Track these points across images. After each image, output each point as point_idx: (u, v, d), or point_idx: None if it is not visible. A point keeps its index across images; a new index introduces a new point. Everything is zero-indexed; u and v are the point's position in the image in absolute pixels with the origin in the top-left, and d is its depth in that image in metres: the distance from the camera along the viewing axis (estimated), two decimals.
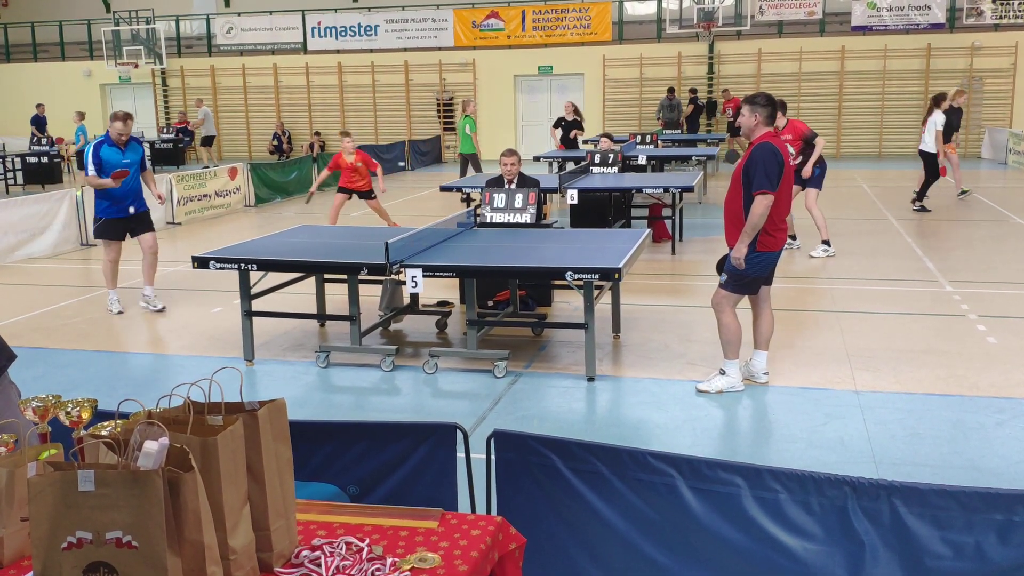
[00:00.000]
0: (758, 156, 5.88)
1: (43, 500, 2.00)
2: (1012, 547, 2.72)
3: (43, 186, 19.96)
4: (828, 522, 2.88)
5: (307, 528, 2.43)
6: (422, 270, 6.46)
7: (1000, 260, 10.47)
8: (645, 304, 8.71)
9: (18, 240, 12.10)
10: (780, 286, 6.82)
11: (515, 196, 8.39)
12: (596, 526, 3.12)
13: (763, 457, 5.09)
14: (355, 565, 2.21)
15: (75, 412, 2.44)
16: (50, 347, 7.73)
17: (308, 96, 28.20)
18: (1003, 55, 23.84)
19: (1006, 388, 6.19)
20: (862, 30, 24.39)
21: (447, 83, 27.22)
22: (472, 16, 26.61)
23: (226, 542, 2.10)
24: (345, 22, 27.54)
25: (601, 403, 6.24)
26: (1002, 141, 21.87)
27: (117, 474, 1.97)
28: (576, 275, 6.24)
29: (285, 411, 2.37)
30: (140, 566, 1.96)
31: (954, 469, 4.91)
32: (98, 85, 29.81)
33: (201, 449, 2.09)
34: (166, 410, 2.31)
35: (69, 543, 1.98)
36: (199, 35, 29.54)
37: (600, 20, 25.86)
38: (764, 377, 6.38)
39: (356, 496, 3.28)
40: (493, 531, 2.42)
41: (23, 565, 2.24)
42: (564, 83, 26.31)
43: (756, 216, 5.84)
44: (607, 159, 13.31)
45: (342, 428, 3.35)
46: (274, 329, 8.20)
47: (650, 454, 3.06)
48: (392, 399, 6.47)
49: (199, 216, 15.67)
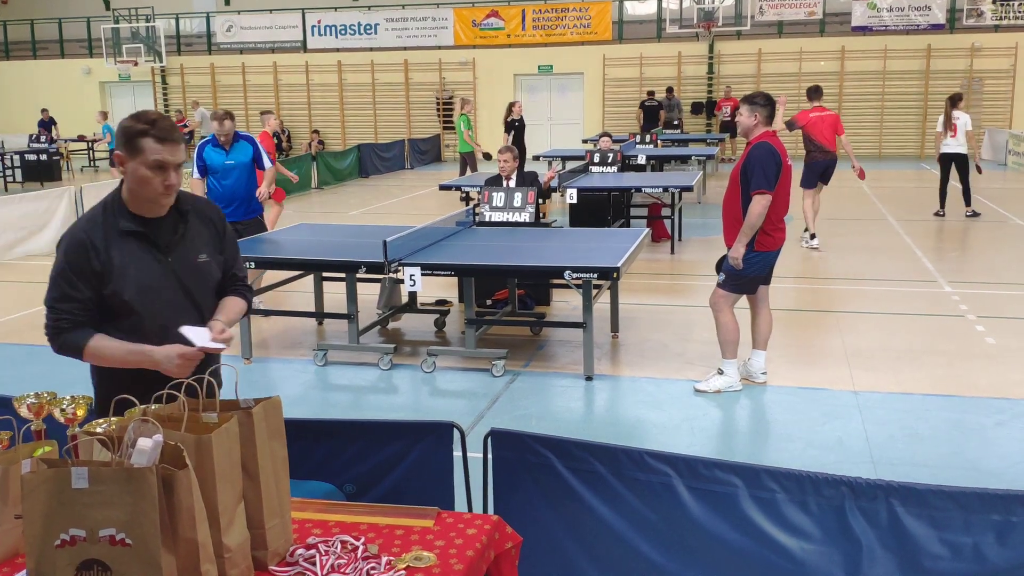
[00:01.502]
0: (756, 156, 5.87)
1: (37, 497, 1.99)
2: (1010, 548, 2.71)
3: (42, 183, 19.95)
4: (826, 522, 2.87)
5: (302, 526, 2.43)
6: (420, 268, 6.45)
7: (999, 261, 10.47)
8: (643, 303, 8.71)
9: (17, 237, 12.09)
10: (779, 286, 6.82)
11: (514, 195, 8.39)
12: (593, 525, 3.11)
13: (761, 457, 5.08)
14: (350, 564, 2.20)
15: (70, 409, 2.44)
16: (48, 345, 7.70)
17: (308, 95, 28.18)
18: (1003, 56, 23.83)
19: (1005, 388, 6.18)
20: (862, 30, 24.39)
21: (447, 82, 27.21)
22: (472, 15, 26.60)
23: (220, 540, 2.10)
24: (345, 21, 27.52)
25: (599, 402, 6.23)
26: (1002, 142, 21.86)
27: (111, 471, 1.96)
28: (575, 274, 6.24)
29: (280, 409, 2.36)
30: (134, 564, 1.96)
31: (952, 469, 4.90)
32: (97, 83, 29.78)
33: (196, 447, 2.08)
34: (161, 408, 2.31)
35: (63, 540, 1.98)
36: (199, 33, 29.52)
37: (600, 19, 25.85)
38: (762, 377, 6.38)
39: (352, 495, 3.27)
40: (489, 530, 2.41)
41: (16, 563, 2.24)
42: (564, 82, 26.30)
43: (754, 216, 5.83)
44: (607, 158, 13.31)
45: (339, 426, 3.34)
46: (272, 327, 8.19)
47: (648, 453, 3.06)
48: (390, 398, 6.47)
49: None
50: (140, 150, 2.77)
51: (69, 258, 2.83)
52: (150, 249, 2.90)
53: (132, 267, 2.86)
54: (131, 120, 2.83)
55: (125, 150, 2.78)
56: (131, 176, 2.83)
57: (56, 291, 2.86)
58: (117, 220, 2.88)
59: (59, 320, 2.87)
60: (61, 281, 2.85)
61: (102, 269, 2.82)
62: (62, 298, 2.85)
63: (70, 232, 2.89)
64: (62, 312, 2.86)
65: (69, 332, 2.86)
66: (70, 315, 2.85)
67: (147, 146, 2.77)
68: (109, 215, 2.89)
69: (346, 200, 17.88)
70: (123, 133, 2.80)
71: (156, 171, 2.80)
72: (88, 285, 2.83)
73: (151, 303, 2.89)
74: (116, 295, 2.84)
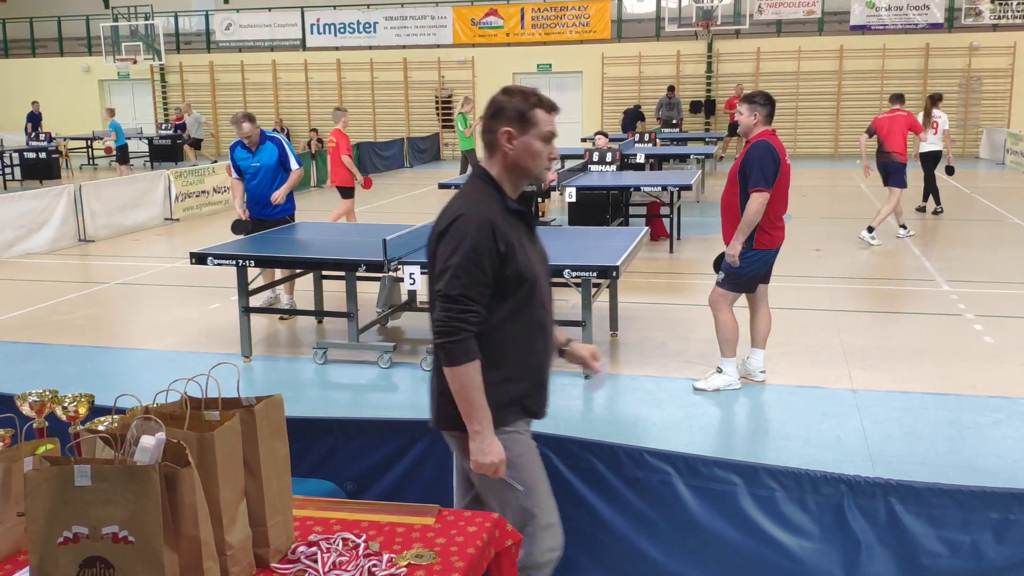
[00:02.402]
0: (755, 154, 5.88)
1: (39, 495, 2.00)
2: (1008, 545, 2.72)
3: (41, 181, 19.93)
4: (824, 520, 2.88)
5: (304, 524, 2.43)
6: (420, 267, 6.45)
7: (997, 260, 10.48)
8: (642, 302, 8.72)
9: (16, 236, 12.09)
10: (777, 284, 6.83)
11: None
12: (593, 523, 3.12)
13: (759, 455, 5.10)
14: (352, 561, 2.21)
15: (72, 407, 2.45)
16: (47, 342, 7.72)
17: (307, 93, 28.17)
18: (1001, 55, 23.84)
19: (1002, 387, 6.20)
20: (861, 29, 24.39)
21: (446, 81, 27.20)
22: (471, 13, 26.59)
23: (223, 538, 2.10)
24: (344, 19, 27.51)
25: (598, 401, 6.24)
26: (1000, 141, 21.88)
27: (114, 469, 1.97)
28: (574, 273, 6.25)
29: (282, 407, 2.37)
30: (136, 561, 1.96)
31: (950, 468, 4.91)
32: (96, 81, 29.76)
33: (198, 445, 2.09)
34: (163, 405, 2.32)
35: (65, 538, 1.98)
36: (198, 31, 29.50)
37: (599, 18, 25.85)
38: (761, 375, 6.39)
39: (353, 492, 3.29)
40: (490, 528, 2.42)
41: (19, 560, 2.24)
42: (563, 81, 26.29)
43: (751, 213, 5.84)
44: (605, 157, 13.31)
45: (339, 424, 3.36)
46: (272, 325, 8.20)
47: (647, 452, 3.07)
48: (389, 396, 6.47)
49: (197, 212, 15.66)
50: (534, 123, 2.75)
51: (480, 239, 2.66)
52: (527, 229, 2.86)
53: (522, 247, 2.77)
54: (515, 97, 2.77)
55: (516, 125, 2.74)
56: (521, 150, 2.77)
57: (466, 276, 2.65)
58: (503, 199, 2.80)
59: (467, 313, 2.65)
60: (470, 265, 2.65)
61: (505, 250, 2.69)
62: (474, 284, 2.65)
63: (468, 213, 2.71)
64: (471, 304, 2.65)
65: (471, 335, 2.65)
66: (477, 312, 2.66)
67: (540, 118, 2.76)
68: (495, 194, 2.80)
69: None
70: (513, 109, 2.76)
71: (546, 143, 2.79)
72: (492, 267, 2.68)
73: (539, 284, 2.82)
74: (517, 275, 2.73)
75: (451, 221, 2.71)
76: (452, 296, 2.64)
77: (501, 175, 2.82)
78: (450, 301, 2.65)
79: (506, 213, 2.77)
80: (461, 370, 2.64)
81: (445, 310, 2.65)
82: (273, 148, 8.37)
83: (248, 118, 8.31)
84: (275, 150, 8.38)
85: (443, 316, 2.65)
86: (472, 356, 2.65)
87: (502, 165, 2.80)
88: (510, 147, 2.77)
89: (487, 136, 2.80)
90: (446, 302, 2.65)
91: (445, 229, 2.72)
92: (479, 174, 2.84)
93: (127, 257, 11.92)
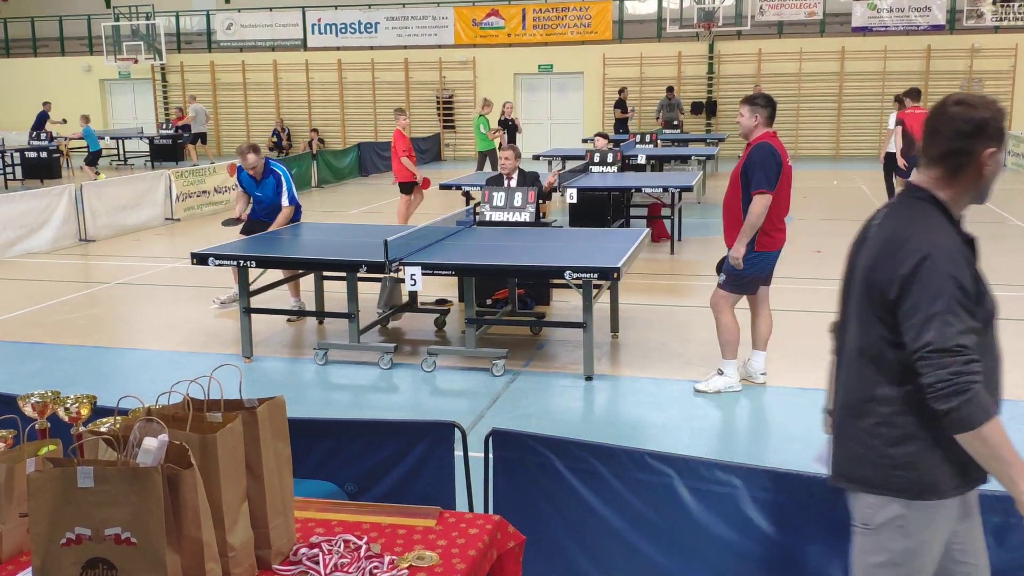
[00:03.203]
0: (757, 156, 5.88)
1: (42, 496, 2.00)
2: (1008, 549, 2.72)
3: (42, 181, 19.94)
4: (825, 523, 2.88)
5: (305, 526, 2.44)
6: (421, 268, 6.46)
7: (998, 261, 10.47)
8: (643, 304, 8.72)
9: (17, 235, 12.09)
10: (778, 286, 6.82)
11: (514, 195, 8.40)
12: (594, 525, 3.13)
13: (760, 457, 5.09)
14: (353, 563, 2.22)
15: (74, 408, 2.45)
16: (48, 342, 7.73)
17: (308, 93, 28.17)
18: (1003, 57, 23.84)
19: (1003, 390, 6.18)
20: (862, 31, 24.39)
21: (447, 81, 27.20)
22: (472, 14, 26.60)
23: (225, 539, 2.11)
24: (345, 19, 27.51)
25: (599, 402, 6.24)
26: None
27: (116, 471, 1.97)
28: (575, 274, 6.25)
29: (284, 409, 2.37)
30: (139, 562, 1.97)
31: None
32: (97, 80, 29.77)
33: (200, 446, 2.10)
34: (165, 407, 2.32)
35: (68, 539, 1.99)
36: (199, 31, 29.50)
37: (600, 19, 25.85)
38: (762, 377, 6.39)
39: (354, 494, 3.29)
40: (491, 529, 2.42)
41: (22, 561, 2.25)
42: (564, 82, 26.29)
43: (754, 215, 5.84)
44: (606, 158, 13.31)
45: (340, 426, 3.36)
46: (273, 326, 8.20)
47: (648, 454, 3.07)
48: (390, 397, 6.48)
49: (198, 212, 15.66)
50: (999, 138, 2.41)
51: (960, 275, 2.31)
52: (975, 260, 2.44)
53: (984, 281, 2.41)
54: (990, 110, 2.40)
55: (997, 143, 2.40)
56: (996, 170, 2.44)
57: (959, 323, 2.27)
58: (955, 228, 2.43)
59: (971, 363, 2.25)
60: (959, 308, 2.28)
61: (975, 288, 2.35)
62: (968, 332, 2.28)
63: (934, 245, 2.34)
64: (970, 353, 2.26)
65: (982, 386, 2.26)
66: (979, 360, 2.27)
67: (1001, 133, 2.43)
68: (947, 223, 2.42)
69: (346, 199, 17.89)
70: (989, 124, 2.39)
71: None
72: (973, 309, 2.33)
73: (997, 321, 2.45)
74: (988, 315, 2.41)
75: (918, 263, 2.32)
76: (949, 348, 2.26)
77: (956, 198, 2.45)
78: (947, 354, 2.25)
79: (962, 244, 2.42)
80: (987, 431, 2.24)
81: (943, 366, 2.25)
82: (274, 183, 8.43)
83: (253, 149, 8.31)
84: (272, 184, 8.44)
85: (943, 374, 2.25)
86: (992, 412, 2.27)
87: (966, 187, 2.44)
88: (991, 168, 2.43)
89: (958, 156, 2.40)
90: (943, 356, 2.25)
91: (911, 273, 2.33)
92: (921, 196, 2.46)
93: (128, 257, 11.93)
